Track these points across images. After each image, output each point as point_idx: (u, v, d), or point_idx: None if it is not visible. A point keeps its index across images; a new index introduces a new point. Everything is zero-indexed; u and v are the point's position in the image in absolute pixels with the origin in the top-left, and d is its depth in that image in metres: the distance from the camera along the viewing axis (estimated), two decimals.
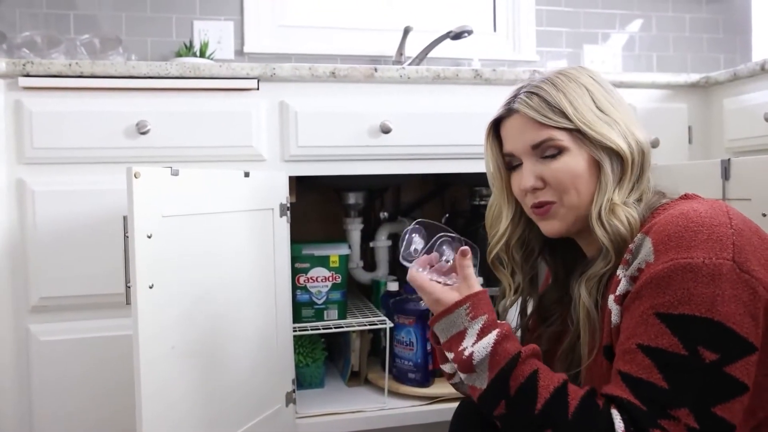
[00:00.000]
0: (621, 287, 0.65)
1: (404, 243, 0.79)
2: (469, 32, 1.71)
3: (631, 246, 0.65)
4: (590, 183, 0.73)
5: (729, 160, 1.02)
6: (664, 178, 1.19)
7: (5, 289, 1.12)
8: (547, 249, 0.86)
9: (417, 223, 0.81)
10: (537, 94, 0.74)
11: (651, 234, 0.63)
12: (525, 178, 0.75)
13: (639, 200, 0.73)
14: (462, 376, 0.68)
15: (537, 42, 1.97)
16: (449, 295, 0.71)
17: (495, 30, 1.99)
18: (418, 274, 0.75)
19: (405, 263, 0.79)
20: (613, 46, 2.03)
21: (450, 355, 0.70)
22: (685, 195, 0.72)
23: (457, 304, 0.70)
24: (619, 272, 0.66)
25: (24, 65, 1.12)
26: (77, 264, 1.14)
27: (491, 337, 0.66)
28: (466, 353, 0.67)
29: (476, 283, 0.72)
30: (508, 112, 0.78)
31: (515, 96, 0.77)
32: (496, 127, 0.82)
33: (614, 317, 0.65)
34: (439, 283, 0.74)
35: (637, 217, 0.70)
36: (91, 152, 1.15)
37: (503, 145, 0.81)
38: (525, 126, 0.75)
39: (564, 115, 0.72)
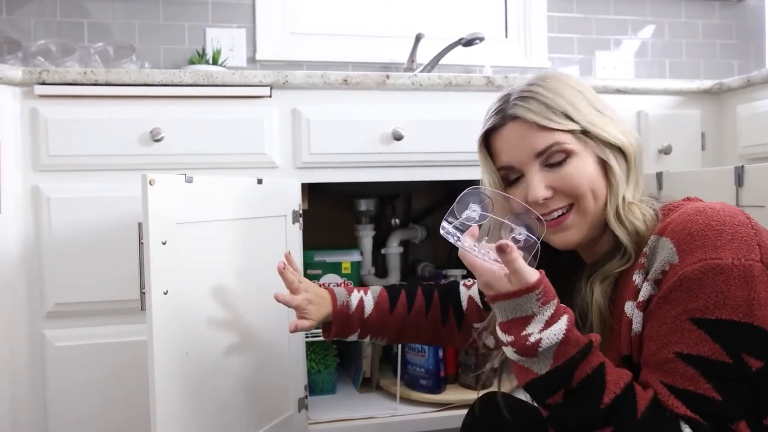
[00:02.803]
0: (644, 292, 0.61)
1: (458, 206, 0.69)
2: (481, 39, 1.71)
3: (645, 249, 0.63)
4: (602, 184, 0.71)
5: (743, 166, 1.01)
6: (677, 185, 1.19)
7: (21, 295, 1.13)
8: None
9: (476, 190, 0.70)
10: (533, 98, 0.70)
11: (668, 234, 0.60)
12: (535, 188, 0.70)
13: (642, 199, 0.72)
14: (515, 356, 0.62)
15: (549, 48, 1.97)
16: (507, 283, 0.62)
17: (506, 36, 1.99)
18: (470, 254, 0.65)
19: (450, 231, 0.68)
20: (625, 53, 2.02)
21: (507, 338, 0.63)
22: (687, 198, 0.70)
23: (528, 290, 0.60)
24: (636, 277, 0.63)
25: (40, 73, 1.13)
26: (92, 270, 1.14)
27: (562, 325, 0.60)
28: (532, 339, 0.60)
29: (531, 274, 0.61)
30: (502, 120, 0.72)
31: (506, 103, 0.73)
32: (485, 141, 0.77)
33: (635, 325, 0.62)
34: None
35: (653, 213, 0.69)
36: (105, 159, 1.16)
37: (496, 158, 0.76)
38: (526, 133, 0.70)
39: (567, 116, 0.69)
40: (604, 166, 0.71)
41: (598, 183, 0.70)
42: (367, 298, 0.95)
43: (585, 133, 0.70)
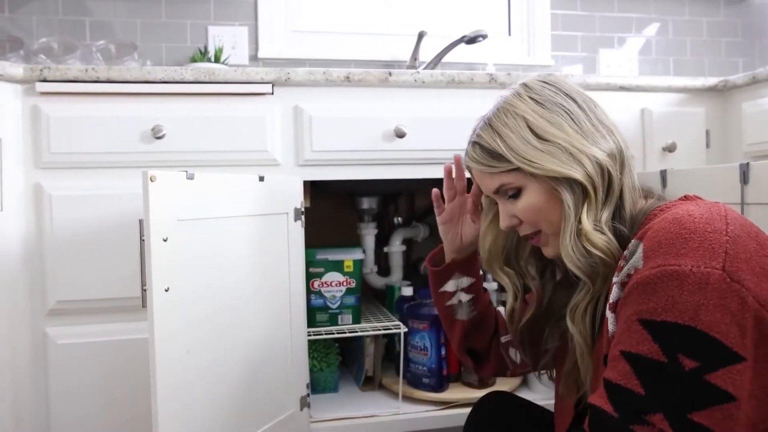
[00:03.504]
0: (613, 294, 0.63)
1: None
2: (484, 36, 1.71)
3: (626, 252, 0.63)
4: (557, 210, 0.71)
5: (748, 164, 0.99)
6: (681, 183, 1.18)
7: (23, 293, 1.13)
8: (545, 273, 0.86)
9: None
10: (478, 143, 0.75)
11: (644, 239, 0.61)
12: (501, 219, 0.77)
13: (618, 213, 0.70)
14: None
15: (552, 46, 1.96)
16: None
17: (510, 34, 1.98)
18: None
19: None
20: (629, 51, 2.01)
21: None
22: (684, 196, 0.69)
23: None
24: (614, 278, 0.64)
25: (41, 70, 1.13)
26: (93, 268, 1.14)
27: None
28: None
29: None
30: (466, 166, 0.80)
31: (467, 147, 0.79)
32: None
33: (611, 326, 0.63)
34: None
35: (611, 237, 0.68)
36: (107, 157, 1.16)
37: None
38: (481, 177, 0.77)
39: (503, 158, 0.72)
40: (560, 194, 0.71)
41: (551, 212, 0.72)
42: None
43: (524, 170, 0.71)
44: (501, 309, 0.98)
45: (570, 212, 0.69)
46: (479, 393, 1.08)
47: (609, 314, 0.63)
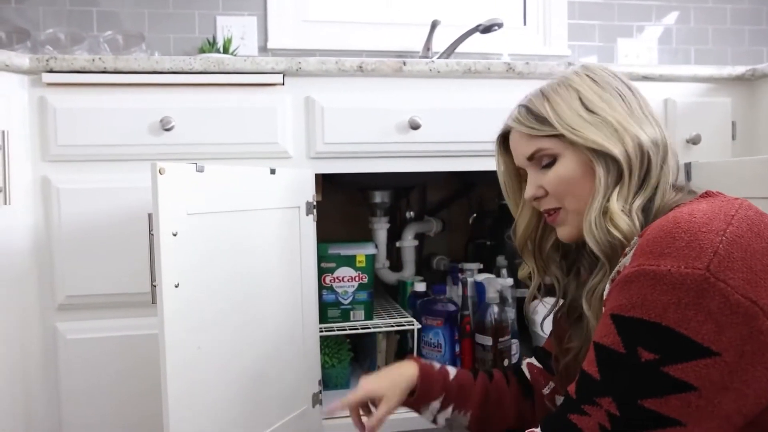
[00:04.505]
0: (606, 289, 0.65)
1: None
2: (500, 25, 1.66)
3: (626, 249, 0.64)
4: (587, 187, 0.71)
5: None
6: (708, 176, 1.14)
7: (32, 287, 1.12)
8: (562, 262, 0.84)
9: None
10: (526, 106, 0.75)
11: (641, 237, 0.61)
12: (528, 188, 0.77)
13: (650, 203, 0.69)
14: None
15: (569, 36, 1.91)
16: None
17: (525, 23, 1.93)
18: None
19: None
20: (648, 40, 1.95)
21: None
22: (706, 192, 0.68)
23: None
24: (613, 273, 0.65)
25: (47, 61, 1.10)
26: (103, 262, 1.12)
27: None
28: None
29: None
30: (507, 128, 0.80)
31: (514, 110, 0.79)
32: (505, 141, 0.83)
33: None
34: None
35: (636, 224, 0.67)
36: (115, 149, 1.14)
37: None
38: (519, 140, 0.77)
39: (548, 122, 0.72)
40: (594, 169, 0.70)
41: (579, 185, 0.71)
42: (449, 366, 0.92)
43: (565, 137, 0.71)
44: (525, 368, 0.92)
45: (600, 188, 0.69)
46: None
47: (603, 308, 0.65)
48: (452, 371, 0.90)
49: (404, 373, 0.88)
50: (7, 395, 1.08)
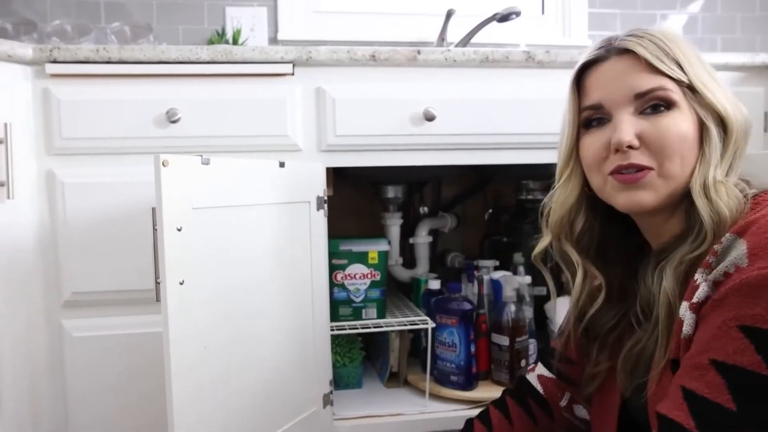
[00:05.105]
0: (700, 293, 0.55)
1: None
2: (518, 13, 1.61)
3: (716, 247, 0.56)
4: (694, 151, 0.63)
5: None
6: (742, 168, 1.08)
7: (38, 283, 1.09)
8: (597, 251, 0.74)
9: None
10: (650, 39, 0.65)
11: (747, 236, 0.54)
12: (623, 130, 0.63)
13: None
14: None
15: (589, 25, 1.84)
16: None
17: (543, 13, 1.87)
18: None
19: None
20: (672, 29, 1.88)
21: None
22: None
23: None
24: (698, 276, 0.56)
25: (51, 51, 1.07)
26: (108, 258, 1.10)
27: None
28: None
29: None
30: (607, 53, 0.67)
31: (613, 39, 0.67)
32: (579, 77, 0.70)
33: (686, 327, 0.56)
34: None
35: (741, 200, 0.61)
36: (120, 142, 1.10)
37: (584, 97, 0.69)
38: (632, 69, 0.64)
39: (679, 65, 0.63)
40: (702, 133, 0.63)
41: (689, 147, 0.63)
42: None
43: (692, 89, 0.63)
44: (536, 383, 0.88)
45: (713, 152, 0.62)
46: None
47: (687, 314, 0.56)
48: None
49: None
50: (14, 393, 1.06)
